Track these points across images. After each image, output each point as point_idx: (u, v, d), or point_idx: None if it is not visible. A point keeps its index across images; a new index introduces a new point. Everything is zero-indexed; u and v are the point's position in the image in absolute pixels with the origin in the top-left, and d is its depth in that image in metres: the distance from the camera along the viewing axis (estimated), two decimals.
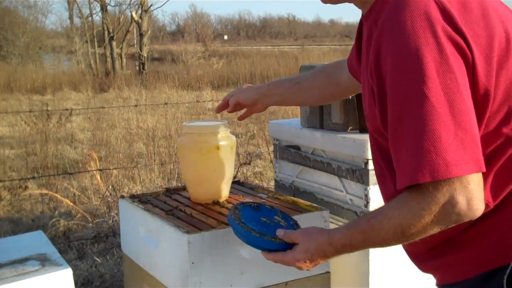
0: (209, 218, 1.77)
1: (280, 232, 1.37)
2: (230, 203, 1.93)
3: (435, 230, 1.07)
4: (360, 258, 1.96)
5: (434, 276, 1.27)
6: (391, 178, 1.15)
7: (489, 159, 1.11)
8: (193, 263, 1.60)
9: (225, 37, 46.50)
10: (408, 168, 1.04)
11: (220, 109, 1.85)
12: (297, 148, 2.25)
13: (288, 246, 1.35)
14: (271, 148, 3.16)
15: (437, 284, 1.26)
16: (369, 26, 1.19)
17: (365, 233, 1.17)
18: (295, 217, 1.78)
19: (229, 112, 1.83)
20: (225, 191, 1.96)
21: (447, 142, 1.01)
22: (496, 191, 1.13)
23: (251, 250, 1.69)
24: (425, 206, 1.04)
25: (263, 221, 1.48)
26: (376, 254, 1.94)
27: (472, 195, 1.03)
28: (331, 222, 1.92)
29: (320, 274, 1.82)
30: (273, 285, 1.73)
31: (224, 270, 1.65)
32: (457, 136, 1.02)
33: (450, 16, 1.07)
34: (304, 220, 1.79)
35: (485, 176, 1.10)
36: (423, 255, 1.26)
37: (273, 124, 2.38)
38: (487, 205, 1.12)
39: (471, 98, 1.06)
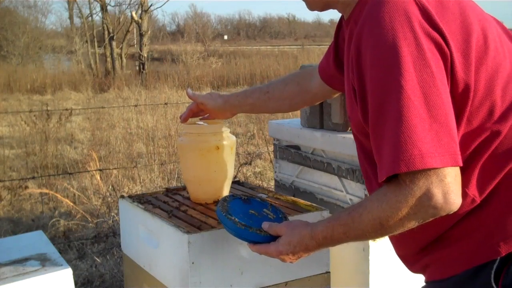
0: (209, 218, 1.77)
1: (265, 225, 1.39)
2: None
3: (413, 223, 1.09)
4: (360, 258, 1.96)
5: (424, 275, 1.28)
6: (376, 180, 1.15)
7: (474, 154, 1.13)
8: (193, 263, 1.60)
9: (225, 37, 46.50)
10: (386, 161, 1.06)
11: (185, 119, 1.85)
12: (297, 148, 2.25)
13: (273, 238, 1.37)
14: (271, 148, 3.16)
15: (426, 281, 1.27)
16: (350, 28, 1.23)
17: (346, 226, 1.18)
18: (295, 217, 1.78)
19: (188, 115, 1.84)
20: (225, 191, 1.96)
21: (422, 134, 1.03)
22: (482, 186, 1.14)
23: (251, 250, 1.69)
24: (402, 198, 1.05)
25: (251, 213, 1.50)
26: (376, 254, 1.94)
27: (449, 188, 1.04)
28: None
29: (320, 274, 1.82)
30: (273, 285, 1.73)
31: (224, 270, 1.66)
32: (432, 129, 1.03)
33: (428, 13, 1.09)
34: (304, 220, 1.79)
35: (470, 171, 1.12)
36: (414, 256, 1.27)
37: (273, 124, 2.38)
38: (473, 200, 1.14)
39: (448, 93, 1.07)
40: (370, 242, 1.92)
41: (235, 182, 2.20)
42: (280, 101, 1.74)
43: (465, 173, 1.12)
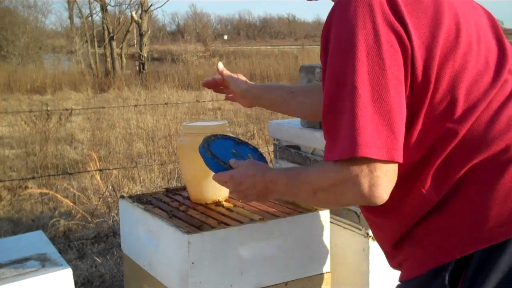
0: (209, 218, 1.77)
1: (232, 161, 1.44)
2: (230, 203, 1.94)
3: (340, 203, 1.18)
4: (360, 258, 1.96)
5: (401, 272, 1.29)
6: None
7: (431, 153, 1.13)
8: (193, 263, 1.60)
9: (225, 37, 46.49)
10: (328, 144, 1.12)
11: (205, 83, 1.83)
12: (297, 148, 2.25)
13: None
14: (271, 148, 3.16)
15: (399, 281, 1.28)
16: None
17: (289, 180, 1.25)
18: (296, 217, 1.78)
19: (209, 82, 1.80)
20: (225, 191, 1.96)
21: (362, 124, 1.05)
22: (439, 186, 1.13)
23: (251, 250, 1.69)
24: (334, 177, 1.11)
25: (232, 152, 1.54)
26: (376, 254, 1.94)
27: (376, 181, 1.06)
28: (331, 222, 1.92)
29: (320, 274, 1.82)
30: (273, 285, 1.74)
31: (224, 270, 1.66)
32: (373, 120, 1.05)
33: (395, 5, 1.10)
34: (304, 220, 1.79)
35: (427, 170, 1.13)
36: (390, 252, 1.29)
37: (273, 124, 2.38)
38: (430, 200, 1.13)
39: (400, 87, 1.08)
40: (370, 242, 1.92)
41: None
42: (303, 105, 1.68)
43: (422, 172, 1.13)
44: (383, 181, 1.07)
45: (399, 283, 1.28)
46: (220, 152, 1.50)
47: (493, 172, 1.10)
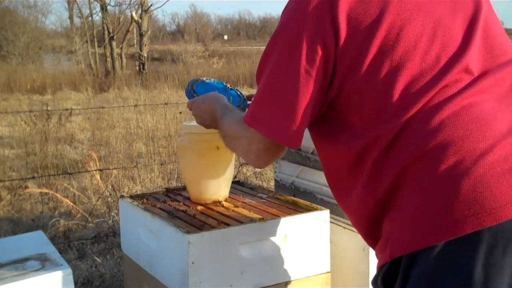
0: (209, 218, 1.77)
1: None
2: (230, 203, 1.94)
3: (239, 154, 1.38)
4: (360, 258, 1.96)
5: None
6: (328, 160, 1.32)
7: (364, 153, 1.15)
8: (193, 263, 1.60)
9: (225, 37, 46.48)
10: (249, 109, 1.29)
11: None
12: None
13: None
14: None
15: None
16: None
17: (220, 117, 1.45)
18: (296, 217, 1.78)
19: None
20: (225, 191, 1.96)
21: (263, 103, 1.23)
22: (376, 187, 1.14)
23: (251, 250, 1.69)
24: (237, 131, 1.34)
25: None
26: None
27: (256, 151, 1.27)
28: (331, 222, 1.92)
29: (320, 274, 1.82)
30: (273, 285, 1.74)
31: (224, 270, 1.66)
32: (272, 103, 1.21)
33: (336, 2, 1.13)
34: (304, 220, 1.79)
35: (365, 170, 1.15)
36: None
37: None
38: (373, 198, 1.15)
39: (310, 82, 1.15)
40: None
41: (235, 182, 2.21)
42: None
43: (354, 171, 1.17)
44: (262, 153, 1.26)
45: None
46: (201, 93, 1.67)
47: (419, 184, 1.08)
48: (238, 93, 1.80)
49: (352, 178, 1.20)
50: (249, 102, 1.69)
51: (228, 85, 1.80)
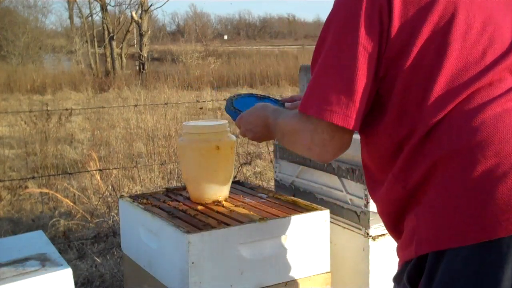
0: (209, 218, 1.77)
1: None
2: (230, 203, 1.94)
3: (295, 150, 1.28)
4: (360, 258, 1.96)
5: None
6: (373, 169, 1.26)
7: (402, 142, 1.13)
8: (193, 263, 1.60)
9: (225, 37, 46.48)
10: (302, 100, 1.20)
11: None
12: None
13: None
14: (271, 148, 3.15)
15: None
16: None
17: (274, 120, 1.34)
18: (295, 217, 1.78)
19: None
20: (225, 191, 1.96)
21: (323, 87, 1.14)
22: (408, 175, 1.13)
23: (251, 250, 1.69)
24: (294, 125, 1.23)
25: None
26: (376, 254, 1.94)
27: (321, 142, 1.16)
28: (331, 222, 1.92)
29: (320, 274, 1.82)
30: (273, 285, 1.74)
31: (224, 270, 1.66)
32: (335, 86, 1.12)
33: None
34: (304, 220, 1.79)
35: (400, 159, 1.13)
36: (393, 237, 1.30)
37: None
38: (403, 188, 1.13)
39: (369, 61, 1.11)
40: (370, 242, 1.92)
41: (235, 182, 2.21)
42: None
43: (395, 159, 1.15)
44: (327, 142, 1.16)
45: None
46: (242, 107, 1.59)
47: (457, 172, 1.06)
48: (273, 99, 1.73)
49: (388, 168, 1.18)
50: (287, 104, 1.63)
51: (259, 94, 1.74)
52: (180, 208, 1.88)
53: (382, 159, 1.19)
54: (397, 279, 1.18)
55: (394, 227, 1.22)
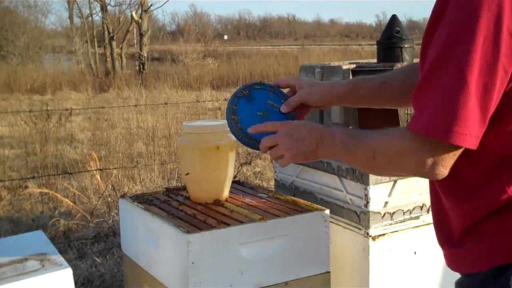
0: (209, 218, 1.77)
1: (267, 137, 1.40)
2: (230, 203, 1.94)
3: (396, 173, 1.18)
4: (360, 258, 1.96)
5: (456, 262, 1.24)
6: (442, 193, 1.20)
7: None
8: (193, 263, 1.60)
9: (225, 37, 46.48)
10: (423, 118, 1.07)
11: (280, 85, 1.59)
12: None
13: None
14: None
15: (455, 270, 1.23)
16: None
17: (350, 136, 1.24)
18: (295, 217, 1.78)
19: (286, 112, 1.54)
20: (225, 191, 1.96)
21: (462, 110, 1.02)
22: None
23: (251, 250, 1.69)
24: (403, 147, 1.12)
25: (259, 116, 1.46)
26: (376, 254, 1.94)
27: (441, 162, 1.08)
28: (331, 222, 1.92)
29: (320, 274, 1.82)
30: (273, 285, 1.73)
31: (224, 270, 1.65)
32: (474, 109, 1.03)
33: None
34: (304, 220, 1.79)
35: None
36: (453, 241, 1.23)
37: None
38: (509, 198, 1.10)
39: (505, 81, 1.04)
40: (370, 242, 1.92)
41: (235, 182, 2.20)
42: (401, 93, 1.51)
43: (510, 171, 1.10)
44: (448, 162, 1.09)
45: (460, 276, 1.23)
46: (247, 122, 1.43)
47: None
48: (280, 95, 1.53)
49: (487, 177, 1.13)
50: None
51: (246, 93, 1.50)
52: (180, 208, 1.88)
53: (477, 168, 1.14)
54: (487, 280, 1.14)
55: (461, 236, 1.19)
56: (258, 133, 1.41)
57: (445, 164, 1.09)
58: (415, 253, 2.02)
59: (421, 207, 2.02)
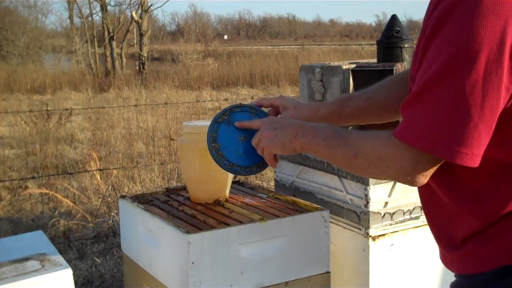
0: (209, 218, 1.77)
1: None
2: (230, 203, 1.94)
3: (375, 176, 1.19)
4: (360, 258, 1.96)
5: (456, 264, 1.23)
6: (441, 193, 1.19)
7: None
8: (193, 263, 1.60)
9: (225, 37, 46.47)
10: (404, 122, 1.08)
11: (263, 104, 1.60)
12: None
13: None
14: None
15: (457, 274, 1.23)
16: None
17: (335, 132, 1.23)
18: (295, 217, 1.78)
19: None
20: (225, 191, 1.96)
21: (468, 130, 1.02)
22: None
23: (251, 250, 1.69)
24: (387, 153, 1.11)
25: (242, 140, 1.44)
26: (376, 254, 1.94)
27: (424, 173, 1.09)
28: (331, 222, 1.92)
29: (320, 274, 1.82)
30: (273, 285, 1.73)
31: (224, 270, 1.66)
32: (477, 129, 1.02)
33: None
34: (304, 220, 1.79)
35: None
36: (452, 244, 1.23)
37: None
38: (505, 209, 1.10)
39: (506, 98, 1.03)
40: (370, 242, 1.92)
41: (235, 182, 2.21)
42: (386, 106, 1.51)
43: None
44: (429, 172, 1.10)
45: (456, 277, 1.23)
46: (229, 147, 1.43)
47: None
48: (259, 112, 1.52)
49: (492, 184, 1.13)
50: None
51: (225, 118, 1.48)
52: (180, 208, 1.88)
53: (480, 178, 1.13)
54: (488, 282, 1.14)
55: (463, 239, 1.18)
56: (243, 144, 1.43)
57: (426, 174, 1.10)
58: (415, 253, 2.02)
59: (421, 207, 2.02)
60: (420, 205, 2.01)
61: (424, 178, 1.11)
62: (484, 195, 1.14)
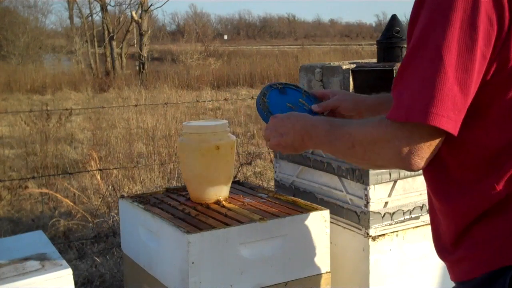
0: (209, 218, 1.77)
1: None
2: (230, 203, 1.94)
3: (373, 163, 1.15)
4: (360, 258, 1.96)
5: (451, 271, 1.24)
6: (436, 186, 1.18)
7: (510, 149, 1.08)
8: (193, 263, 1.60)
9: (225, 37, 46.46)
10: (401, 104, 1.07)
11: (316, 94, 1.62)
12: None
13: None
14: None
15: (452, 280, 1.23)
16: None
17: (332, 126, 1.22)
18: (295, 217, 1.79)
19: (316, 111, 1.56)
20: (225, 191, 1.96)
21: (440, 92, 1.02)
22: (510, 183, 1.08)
23: (251, 250, 1.69)
24: (378, 133, 1.11)
25: (289, 106, 1.47)
26: (376, 254, 1.94)
27: (416, 150, 1.07)
28: (331, 222, 1.92)
29: (320, 274, 1.82)
30: (273, 285, 1.74)
31: (224, 270, 1.66)
32: (452, 90, 1.02)
33: None
34: (304, 220, 1.79)
35: (506, 167, 1.08)
36: (446, 248, 1.23)
37: None
38: (499, 195, 1.09)
39: (483, 65, 1.03)
40: (370, 242, 1.92)
41: (235, 182, 2.21)
42: None
43: (499, 167, 1.09)
44: (423, 152, 1.07)
45: (454, 284, 1.23)
46: (276, 105, 1.45)
47: None
48: (295, 88, 1.56)
49: (476, 174, 1.12)
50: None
51: (279, 86, 1.53)
52: (180, 208, 1.88)
53: (462, 167, 1.13)
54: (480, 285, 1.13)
55: (454, 243, 1.18)
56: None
57: (421, 155, 1.07)
58: (415, 253, 2.02)
59: (421, 207, 2.02)
60: (420, 205, 2.02)
61: (420, 159, 1.08)
62: (467, 187, 1.13)
